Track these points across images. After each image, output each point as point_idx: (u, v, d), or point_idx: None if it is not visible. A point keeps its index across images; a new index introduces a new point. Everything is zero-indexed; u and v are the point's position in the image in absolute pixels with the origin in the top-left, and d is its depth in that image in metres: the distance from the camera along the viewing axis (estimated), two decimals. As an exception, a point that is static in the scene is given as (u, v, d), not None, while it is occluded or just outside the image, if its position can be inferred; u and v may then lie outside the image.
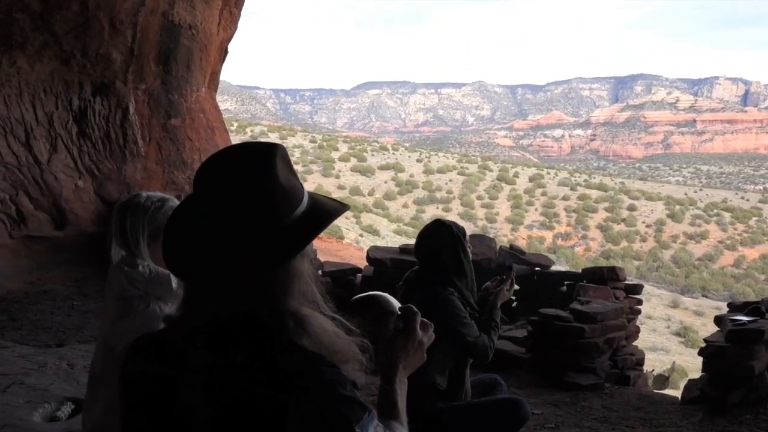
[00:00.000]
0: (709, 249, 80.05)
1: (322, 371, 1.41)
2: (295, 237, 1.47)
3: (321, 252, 14.49)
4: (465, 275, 4.17)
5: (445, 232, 4.18)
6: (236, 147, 1.56)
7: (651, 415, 6.82)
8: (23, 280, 10.99)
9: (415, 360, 1.78)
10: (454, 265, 4.13)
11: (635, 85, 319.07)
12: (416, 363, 1.79)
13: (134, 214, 3.11)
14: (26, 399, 5.60)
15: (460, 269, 4.15)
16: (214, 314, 1.45)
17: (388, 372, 1.74)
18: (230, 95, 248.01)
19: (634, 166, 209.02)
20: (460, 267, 4.14)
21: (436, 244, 4.16)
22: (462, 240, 4.18)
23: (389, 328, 1.79)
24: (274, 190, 1.47)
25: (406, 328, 1.79)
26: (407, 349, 1.76)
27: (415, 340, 1.78)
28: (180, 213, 1.54)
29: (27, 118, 11.32)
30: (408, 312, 1.82)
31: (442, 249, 4.13)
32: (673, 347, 30.83)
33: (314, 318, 1.51)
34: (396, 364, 1.74)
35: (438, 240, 4.16)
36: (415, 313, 1.81)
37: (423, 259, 4.25)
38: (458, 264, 4.14)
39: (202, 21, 13.38)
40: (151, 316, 2.93)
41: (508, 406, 4.14)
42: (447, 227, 4.23)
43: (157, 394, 1.49)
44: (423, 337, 1.81)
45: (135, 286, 3.04)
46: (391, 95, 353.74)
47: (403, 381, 1.75)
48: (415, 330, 1.79)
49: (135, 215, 3.11)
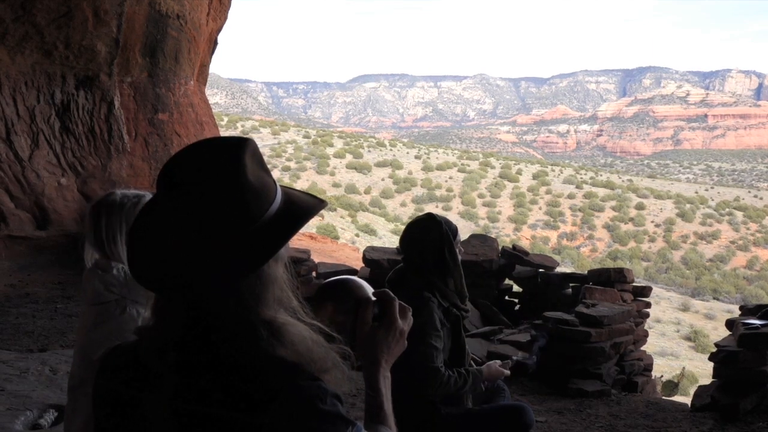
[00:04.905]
0: (721, 249, 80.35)
1: (300, 387, 1.35)
2: (268, 240, 1.39)
3: (315, 252, 14.30)
4: (451, 277, 3.96)
5: (433, 229, 3.97)
6: (201, 143, 1.46)
7: (659, 422, 6.72)
8: (4, 282, 10.90)
9: (396, 350, 1.74)
10: (438, 266, 3.93)
11: (644, 78, 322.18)
12: (398, 353, 1.75)
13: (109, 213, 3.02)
14: (7, 406, 5.51)
15: (446, 271, 3.93)
16: (184, 327, 1.39)
17: (371, 369, 1.70)
18: (220, 88, 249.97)
19: (643, 163, 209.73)
20: (445, 269, 3.93)
21: (422, 243, 3.96)
22: (451, 239, 3.97)
23: (366, 318, 1.73)
24: (244, 190, 1.38)
25: (385, 318, 1.73)
26: (388, 341, 1.72)
27: (396, 330, 1.73)
28: (143, 217, 1.45)
29: (7, 112, 11.20)
30: (384, 298, 1.76)
31: (427, 248, 3.94)
32: (682, 352, 30.82)
33: (291, 326, 1.44)
34: (378, 359, 1.70)
35: (425, 237, 3.97)
36: (392, 299, 1.75)
37: (406, 256, 4.08)
38: (443, 265, 3.93)
39: (190, 11, 13.36)
40: (128, 321, 2.86)
41: (512, 413, 4.02)
42: (436, 224, 4.00)
43: (125, 414, 1.45)
44: (403, 324, 1.75)
45: (110, 290, 2.97)
46: (389, 88, 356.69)
47: (387, 376, 1.71)
48: (394, 318, 1.73)
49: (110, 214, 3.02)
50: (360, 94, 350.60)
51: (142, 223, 1.44)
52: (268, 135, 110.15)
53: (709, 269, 71.19)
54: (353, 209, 63.80)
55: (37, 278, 11.24)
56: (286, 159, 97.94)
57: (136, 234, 1.45)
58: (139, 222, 1.45)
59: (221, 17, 14.92)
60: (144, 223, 1.44)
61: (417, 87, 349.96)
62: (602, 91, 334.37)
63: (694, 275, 64.91)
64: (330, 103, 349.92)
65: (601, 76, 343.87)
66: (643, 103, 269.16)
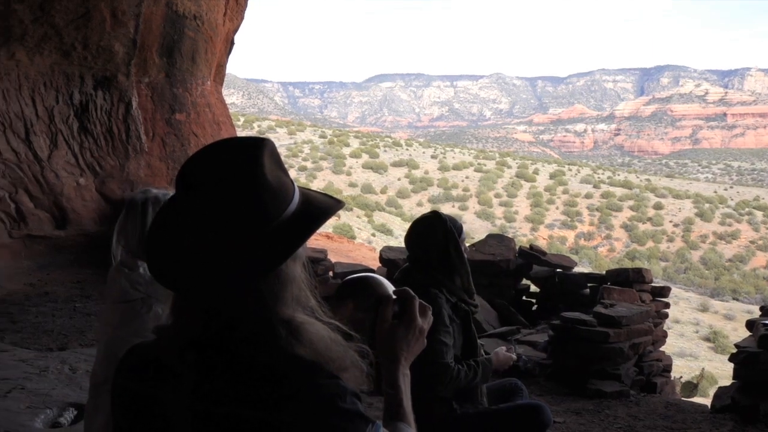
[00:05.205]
0: (740, 250, 79.54)
1: (319, 385, 1.35)
2: (286, 239, 1.39)
3: (332, 252, 14.36)
4: (458, 275, 3.95)
5: (438, 227, 3.96)
6: (219, 143, 1.47)
7: (679, 424, 6.67)
8: (23, 282, 10.97)
9: (416, 348, 1.75)
10: (444, 263, 3.92)
11: (662, 76, 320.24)
12: (417, 351, 1.76)
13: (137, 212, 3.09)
14: (27, 404, 5.54)
15: (451, 268, 3.93)
16: (202, 326, 1.39)
17: (390, 367, 1.70)
18: (237, 89, 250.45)
19: (661, 163, 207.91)
20: (451, 266, 3.92)
21: (426, 240, 3.96)
22: (456, 237, 3.97)
23: (386, 316, 1.73)
24: (262, 190, 1.38)
25: (405, 315, 1.73)
26: (408, 339, 1.72)
27: (416, 328, 1.74)
28: (162, 217, 1.46)
29: (27, 113, 11.24)
30: (405, 296, 1.75)
31: (431, 245, 3.93)
32: (702, 353, 30.64)
33: (310, 325, 1.45)
34: (398, 356, 1.70)
35: (429, 235, 3.96)
36: (413, 296, 1.75)
37: (411, 254, 4.09)
38: (449, 263, 3.92)
39: (207, 11, 13.33)
40: (154, 319, 2.91)
41: (528, 412, 3.98)
42: (441, 221, 3.99)
43: (144, 414, 1.44)
44: (423, 322, 1.76)
45: (136, 288, 3.02)
46: (405, 88, 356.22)
47: (406, 374, 1.72)
48: (414, 316, 1.74)
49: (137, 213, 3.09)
50: (376, 94, 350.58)
51: (161, 223, 1.45)
52: (284, 135, 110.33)
53: (729, 269, 70.44)
54: (369, 209, 63.87)
55: (56, 277, 11.30)
56: (302, 159, 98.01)
57: (154, 233, 1.46)
58: (157, 222, 1.46)
59: (238, 17, 14.89)
60: (163, 222, 1.45)
61: (433, 86, 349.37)
62: (620, 90, 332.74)
63: (714, 275, 64.28)
64: (346, 102, 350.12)
65: (618, 75, 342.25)
66: (661, 102, 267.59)
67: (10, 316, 9.45)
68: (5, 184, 11.03)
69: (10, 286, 10.61)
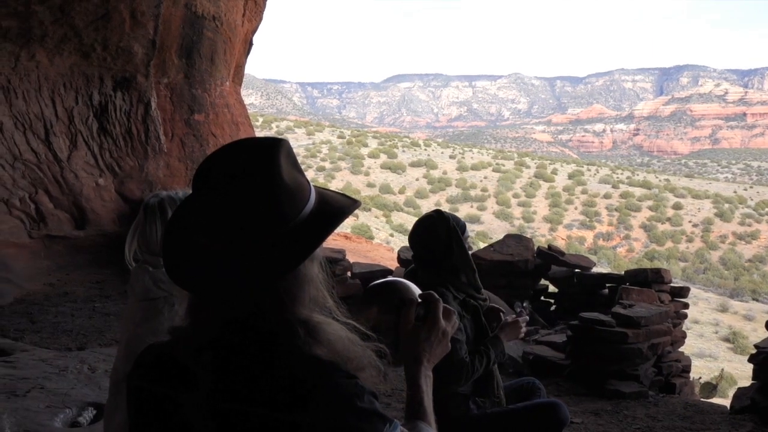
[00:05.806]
0: (760, 250, 79.10)
1: (338, 384, 1.35)
2: (303, 240, 1.40)
3: (350, 252, 14.34)
4: (463, 272, 3.96)
5: (440, 225, 3.97)
6: (236, 144, 1.47)
7: (698, 425, 6.63)
8: (43, 282, 11.02)
9: (439, 351, 1.77)
10: (448, 261, 3.93)
11: (681, 76, 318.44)
12: (440, 354, 1.77)
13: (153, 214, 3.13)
14: (47, 404, 5.55)
15: (456, 265, 3.93)
16: (220, 328, 1.39)
17: (413, 368, 1.72)
18: (255, 89, 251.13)
19: (680, 162, 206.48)
20: (455, 263, 3.93)
21: (429, 238, 3.97)
22: (459, 234, 3.97)
23: (410, 318, 1.76)
24: (279, 190, 1.39)
25: (429, 318, 1.76)
26: (431, 340, 1.74)
27: (439, 330, 1.76)
28: (178, 218, 1.47)
29: (46, 113, 11.26)
30: (429, 299, 1.78)
31: (435, 243, 3.94)
32: (721, 353, 30.51)
33: (327, 325, 1.45)
34: (420, 358, 1.72)
35: (432, 233, 3.97)
36: (437, 300, 1.78)
37: (416, 252, 4.08)
38: (453, 260, 3.93)
39: (226, 12, 13.34)
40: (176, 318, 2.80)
41: (546, 410, 3.96)
42: (443, 219, 4.00)
43: (160, 414, 1.44)
44: (446, 326, 1.78)
45: (160, 287, 3.05)
46: (423, 88, 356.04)
47: (428, 375, 1.73)
48: (438, 319, 1.76)
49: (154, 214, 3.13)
50: (394, 94, 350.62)
51: (177, 223, 1.46)
52: (302, 135, 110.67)
53: (748, 270, 70.02)
54: (388, 209, 63.91)
55: (76, 277, 11.35)
56: (320, 159, 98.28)
57: (170, 233, 1.47)
58: (173, 221, 1.47)
59: (256, 18, 14.90)
60: (180, 223, 1.45)
61: (451, 87, 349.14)
62: (639, 89, 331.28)
63: (733, 276, 63.85)
64: (364, 103, 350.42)
65: (637, 75, 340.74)
66: (680, 102, 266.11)
67: (30, 316, 9.52)
68: (25, 184, 11.06)
69: (30, 287, 10.66)
